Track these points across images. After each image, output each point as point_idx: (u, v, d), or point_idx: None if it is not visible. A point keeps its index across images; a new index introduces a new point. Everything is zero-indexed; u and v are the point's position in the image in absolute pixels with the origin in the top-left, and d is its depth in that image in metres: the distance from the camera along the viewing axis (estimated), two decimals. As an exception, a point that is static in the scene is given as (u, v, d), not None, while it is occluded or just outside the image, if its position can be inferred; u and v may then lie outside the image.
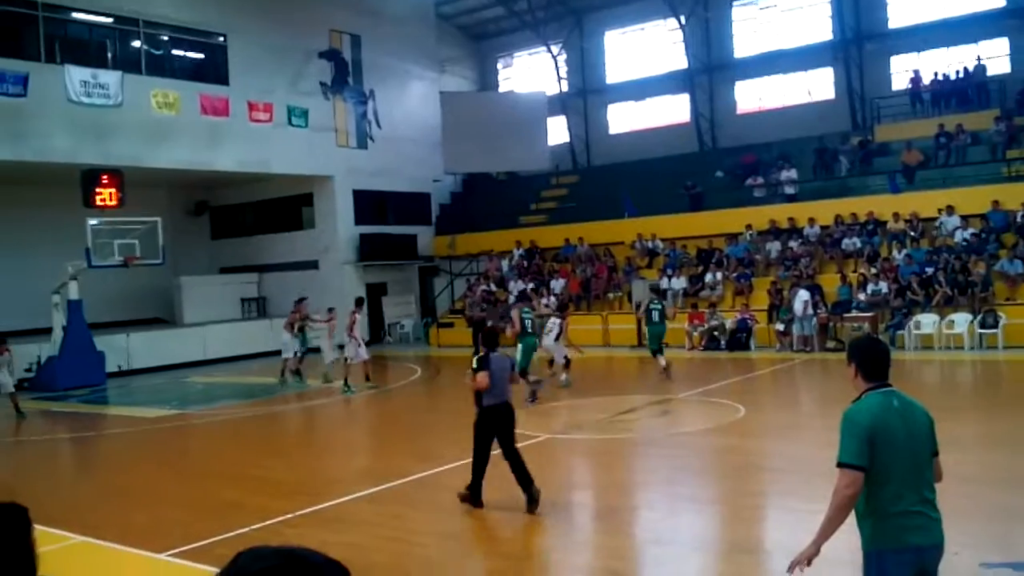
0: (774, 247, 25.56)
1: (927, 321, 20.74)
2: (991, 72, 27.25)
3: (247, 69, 27.32)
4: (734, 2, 33.02)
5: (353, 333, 19.25)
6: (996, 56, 27.84)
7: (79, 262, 22.52)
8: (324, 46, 29.96)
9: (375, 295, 31.23)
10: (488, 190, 36.49)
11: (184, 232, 31.82)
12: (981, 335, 20.09)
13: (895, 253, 23.03)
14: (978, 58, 27.60)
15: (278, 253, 31.44)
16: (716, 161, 30.53)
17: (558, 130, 36.34)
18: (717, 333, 23.28)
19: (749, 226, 26.43)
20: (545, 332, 18.43)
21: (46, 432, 17.11)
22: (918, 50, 29.29)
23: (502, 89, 39.11)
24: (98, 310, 25.07)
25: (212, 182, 30.93)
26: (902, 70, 29.55)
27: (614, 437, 13.09)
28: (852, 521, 4.26)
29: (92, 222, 22.35)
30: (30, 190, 25.99)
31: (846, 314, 21.69)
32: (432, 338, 29.55)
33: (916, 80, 28.09)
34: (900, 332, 20.87)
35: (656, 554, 7.83)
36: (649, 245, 28.09)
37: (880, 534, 4.18)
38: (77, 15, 25.15)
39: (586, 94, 36.65)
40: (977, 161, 24.37)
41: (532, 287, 27.28)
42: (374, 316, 30.98)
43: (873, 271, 22.46)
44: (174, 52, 27.39)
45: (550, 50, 36.48)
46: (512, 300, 28.13)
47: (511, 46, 39.05)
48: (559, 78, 36.79)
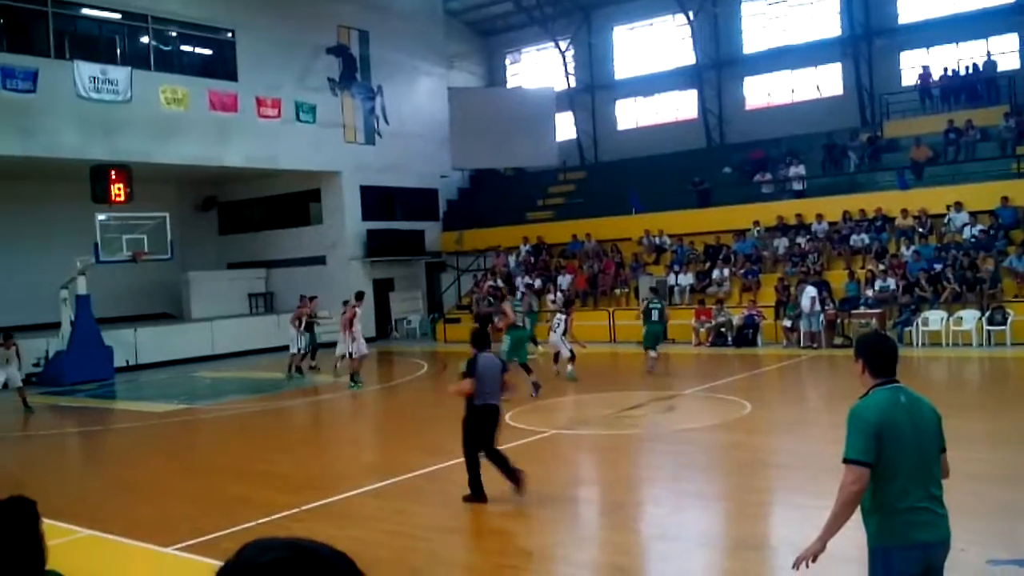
0: (782, 243, 25.51)
1: (935, 318, 20.68)
2: (1001, 68, 27.10)
3: (255, 65, 27.34)
4: (742, -3, 32.95)
5: (353, 328, 19.28)
6: (1006, 52, 27.71)
7: (87, 257, 22.59)
8: (332, 42, 29.96)
9: (382, 291, 31.28)
10: (495, 186, 36.46)
11: (192, 227, 31.90)
12: (989, 332, 20.02)
13: (903, 249, 22.96)
14: (987, 54, 27.48)
15: (286, 249, 31.48)
16: (724, 157, 30.45)
17: (566, 126, 36.27)
18: (724, 329, 23.25)
19: (757, 222, 26.37)
20: (551, 329, 18.76)
21: (54, 426, 17.18)
22: (927, 46, 29.17)
23: (510, 85, 39.04)
24: (106, 305, 25.14)
25: (220, 178, 30.98)
26: (911, 66, 29.42)
27: (620, 433, 13.09)
28: (858, 517, 4.25)
29: (100, 217, 22.41)
30: (39, 185, 26.07)
31: (854, 310, 21.64)
32: (439, 334, 29.55)
33: (925, 76, 27.97)
34: (908, 329, 20.82)
35: (662, 550, 7.83)
36: (656, 241, 28.07)
37: (886, 530, 4.17)
38: (86, 11, 25.20)
39: (594, 90, 36.59)
40: (986, 157, 24.25)
41: (528, 284, 27.29)
42: (381, 312, 31.03)
43: (881, 267, 22.40)
44: (183, 48, 27.45)
45: (558, 46, 36.41)
46: (519, 295, 28.17)
47: (519, 42, 38.99)
48: (567, 74, 36.72)
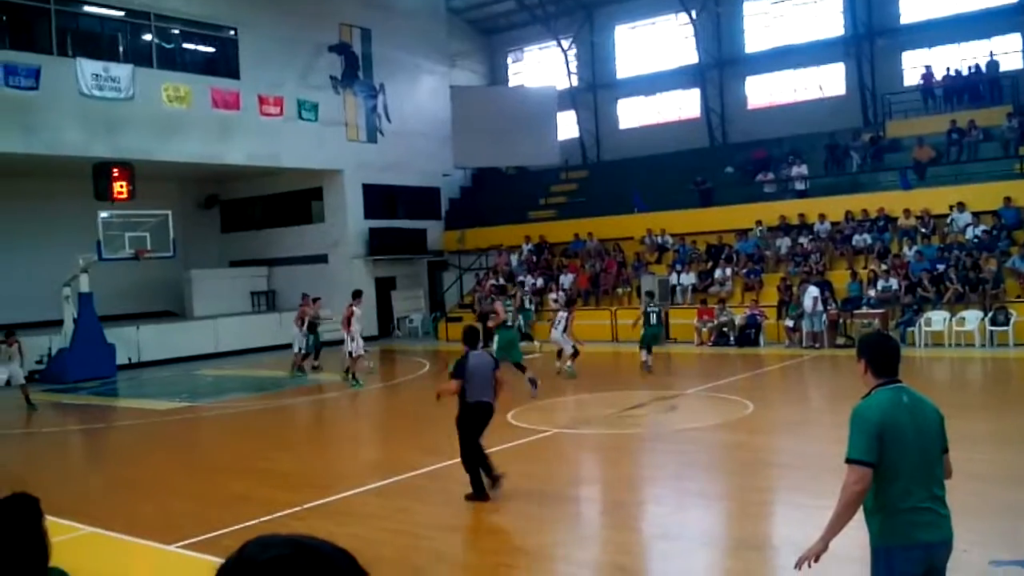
0: (784, 243, 25.50)
1: (937, 318, 20.65)
2: (1003, 68, 27.06)
3: (258, 63, 27.36)
4: (745, -3, 32.93)
5: (350, 327, 19.27)
6: (1009, 52, 27.65)
7: (90, 255, 22.60)
8: (334, 40, 29.98)
9: (384, 289, 31.29)
10: (498, 185, 36.47)
11: (194, 225, 31.91)
12: (992, 332, 20.00)
13: (906, 250, 22.93)
14: (990, 54, 27.43)
15: (288, 247, 31.50)
16: (726, 156, 30.43)
17: (568, 125, 36.25)
18: (726, 329, 23.24)
19: (759, 222, 26.36)
20: (553, 325, 19.18)
21: (56, 424, 17.18)
22: (930, 46, 29.12)
23: (512, 83, 39.03)
24: (108, 303, 25.15)
25: (222, 176, 31.00)
26: (914, 66, 29.37)
27: (622, 432, 13.08)
28: (860, 517, 4.25)
29: (103, 215, 22.43)
30: (41, 183, 26.09)
31: (856, 311, 21.62)
32: (441, 332, 29.56)
33: (928, 76, 27.93)
34: (910, 329, 20.80)
35: (663, 549, 7.83)
36: (659, 240, 28.06)
37: (889, 530, 4.17)
38: (89, 8, 25.23)
39: (596, 89, 36.57)
40: (989, 157, 24.22)
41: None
42: (383, 310, 31.04)
43: (884, 267, 22.39)
44: (185, 46, 27.47)
45: (560, 44, 36.40)
46: (528, 292, 28.18)
47: (521, 40, 38.98)
48: (569, 72, 36.70)
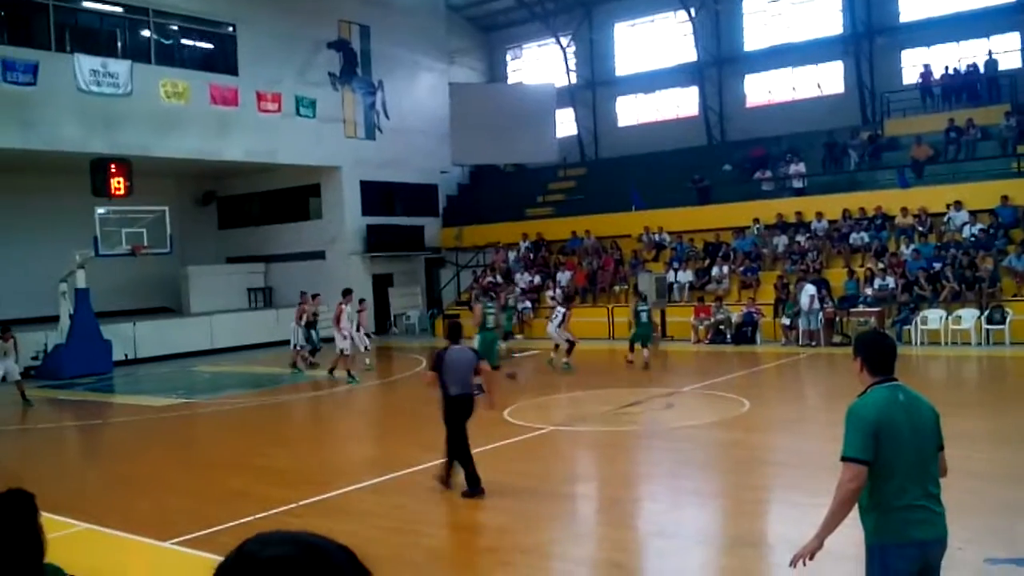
0: (781, 241, 25.50)
1: (934, 316, 20.69)
2: (1002, 67, 27.05)
3: (256, 59, 27.32)
4: (744, -5, 32.93)
5: (340, 325, 19.28)
6: (1007, 51, 27.66)
7: (87, 250, 22.55)
8: (333, 36, 29.94)
9: (381, 286, 31.29)
10: (495, 182, 36.46)
11: (191, 222, 31.88)
12: (988, 331, 20.03)
13: (903, 248, 22.96)
14: (989, 53, 27.42)
15: (285, 243, 31.48)
16: (724, 154, 30.43)
17: (566, 122, 36.25)
18: (723, 327, 23.25)
19: (756, 220, 26.37)
20: (550, 319, 20.00)
21: (52, 420, 17.17)
22: (928, 44, 29.13)
23: (511, 81, 39.03)
24: (105, 299, 25.12)
25: (220, 172, 30.96)
26: (912, 64, 29.38)
27: (618, 429, 13.09)
28: (855, 515, 4.26)
29: (100, 211, 22.38)
30: (39, 178, 26.06)
31: (853, 309, 21.65)
32: (438, 329, 29.55)
33: (926, 74, 27.93)
34: (907, 327, 20.83)
35: (659, 547, 7.84)
36: (656, 238, 28.07)
37: (883, 528, 4.18)
38: (87, 4, 25.22)
39: (595, 86, 36.56)
40: (987, 156, 24.23)
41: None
42: (380, 307, 31.03)
43: (880, 266, 22.40)
44: (183, 42, 27.42)
45: (559, 42, 36.37)
46: (517, 292, 28.22)
47: (520, 38, 38.95)
48: (568, 70, 36.68)
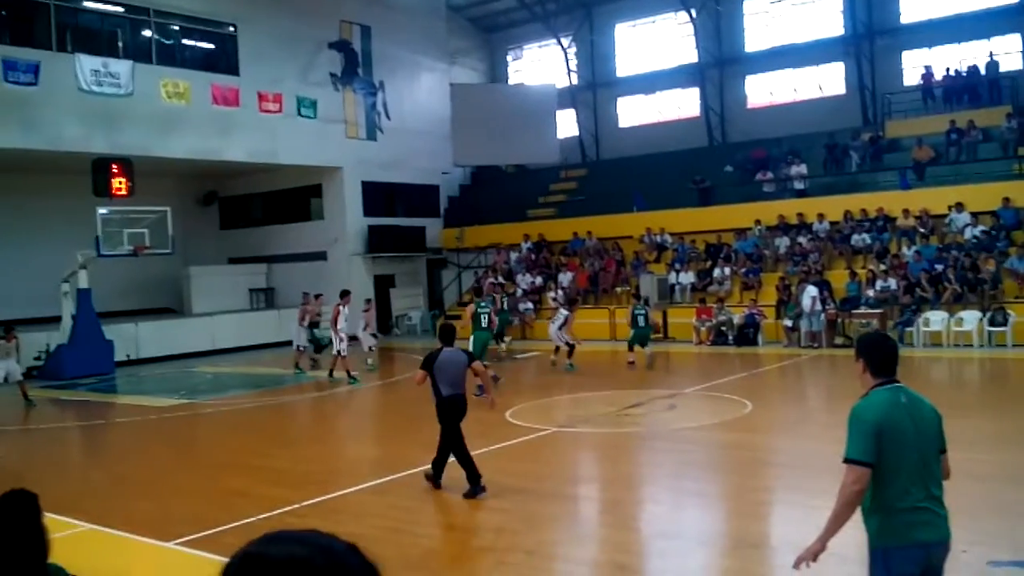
0: (783, 242, 25.49)
1: (936, 318, 20.67)
2: (1003, 68, 27.05)
3: (257, 59, 27.33)
4: (745, -4, 32.93)
5: (337, 326, 19.29)
6: (1009, 52, 27.65)
7: (89, 251, 22.56)
8: (334, 37, 29.95)
9: (383, 287, 31.29)
10: (497, 183, 36.48)
11: (193, 222, 31.88)
12: (990, 333, 20.01)
13: (904, 250, 22.94)
14: (990, 54, 27.42)
15: (287, 244, 31.49)
16: (726, 156, 30.42)
17: (567, 123, 36.25)
18: (725, 328, 23.24)
19: (758, 221, 26.35)
20: (551, 321, 20.30)
21: (54, 420, 17.18)
22: (930, 45, 29.12)
23: (512, 81, 39.04)
24: (107, 299, 25.13)
25: (221, 172, 30.96)
26: (913, 66, 29.38)
27: (620, 431, 13.09)
28: (858, 517, 4.25)
29: (102, 211, 22.39)
30: (40, 178, 26.08)
31: (854, 310, 21.62)
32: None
33: (928, 76, 27.93)
34: (909, 329, 20.81)
35: (662, 548, 7.83)
36: (658, 239, 28.06)
37: (886, 530, 4.17)
38: (88, 4, 25.23)
39: (596, 87, 36.57)
40: (988, 158, 24.23)
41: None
42: (382, 308, 31.03)
43: (882, 268, 22.39)
44: (184, 42, 27.43)
45: (560, 43, 36.38)
46: (519, 293, 28.21)
47: (521, 38, 38.98)
48: (569, 71, 36.70)
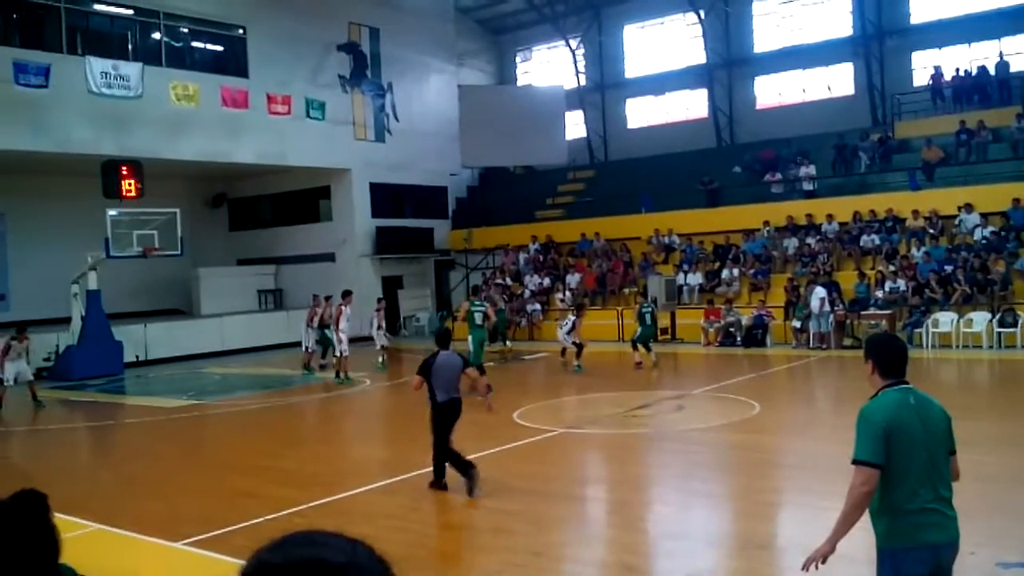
0: (791, 243, 25.44)
1: (945, 319, 20.60)
2: (1013, 69, 26.96)
3: (266, 61, 27.40)
4: (754, -3, 32.88)
5: (339, 326, 19.32)
6: (1019, 53, 27.53)
7: (98, 252, 22.64)
8: (343, 39, 29.99)
9: (391, 288, 31.31)
10: (505, 184, 36.48)
11: (202, 224, 31.99)
12: (1000, 334, 19.93)
13: (914, 251, 22.87)
14: (1000, 54, 27.33)
15: (295, 245, 31.54)
16: (734, 157, 30.36)
17: (576, 124, 36.25)
18: (733, 329, 23.20)
19: (767, 222, 26.30)
20: (559, 325, 20.38)
21: (64, 421, 17.24)
22: (939, 46, 29.03)
23: (520, 83, 39.04)
24: (116, 300, 25.21)
25: (230, 174, 31.04)
26: (923, 66, 29.29)
27: (628, 432, 13.08)
28: (867, 518, 4.24)
29: (111, 213, 22.45)
30: (50, 180, 26.18)
31: (863, 312, 21.56)
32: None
33: (937, 76, 27.84)
34: (918, 330, 20.75)
35: (669, 549, 7.83)
36: (666, 241, 28.03)
37: (895, 531, 4.16)
38: (98, 7, 25.33)
39: (604, 88, 36.54)
40: (998, 159, 24.13)
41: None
42: (390, 309, 31.03)
43: (891, 269, 22.33)
44: (194, 44, 27.51)
45: (568, 44, 36.39)
46: (527, 294, 28.24)
47: (530, 40, 38.99)
48: (577, 72, 36.68)
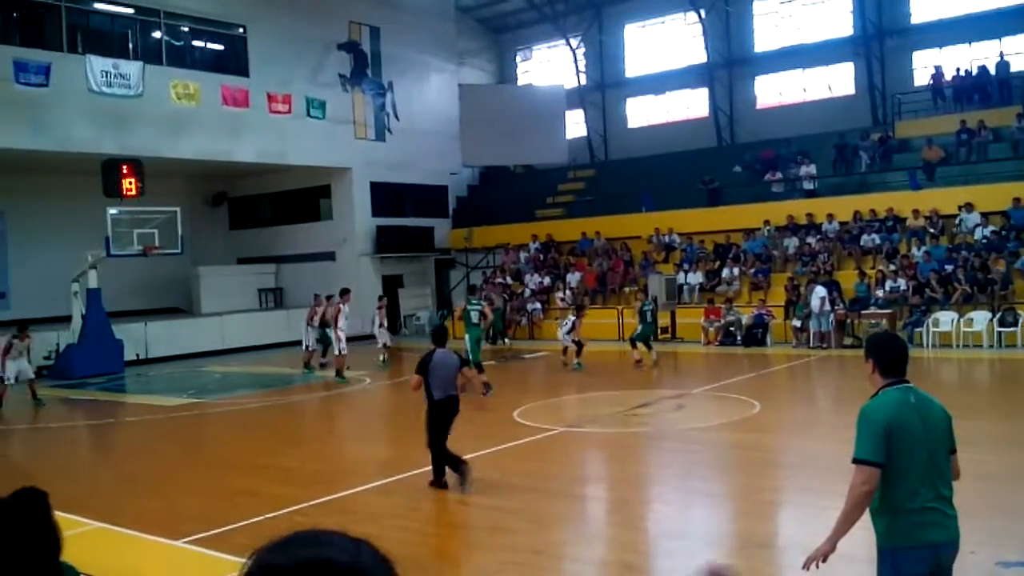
0: (792, 243, 25.44)
1: (945, 319, 20.60)
2: (1014, 68, 26.95)
3: (267, 60, 27.39)
4: (755, -4, 32.87)
5: (337, 325, 19.32)
6: (1019, 52, 27.52)
7: (99, 251, 22.64)
8: (343, 38, 29.99)
9: (391, 287, 31.32)
10: (505, 183, 36.49)
11: (202, 222, 31.99)
12: (1000, 333, 19.94)
13: (914, 250, 22.87)
14: (1001, 54, 27.33)
15: (295, 244, 31.55)
16: (734, 156, 30.36)
17: (576, 124, 36.26)
18: (733, 328, 23.20)
19: (767, 221, 26.30)
20: (559, 325, 20.49)
21: (64, 419, 17.24)
22: (940, 45, 29.03)
23: (521, 82, 39.04)
24: (117, 299, 25.22)
25: (230, 173, 31.04)
26: (924, 66, 29.28)
27: (628, 431, 13.08)
28: (867, 517, 4.24)
29: (112, 211, 22.44)
30: (51, 179, 26.18)
31: (864, 311, 21.56)
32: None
33: (938, 76, 27.83)
34: (918, 330, 20.74)
35: (669, 548, 7.83)
36: (666, 240, 28.03)
37: (895, 531, 4.16)
38: (99, 5, 25.34)
39: (604, 88, 36.54)
40: (998, 158, 24.13)
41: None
42: (390, 308, 31.03)
43: (892, 268, 22.33)
44: (194, 43, 27.51)
45: (569, 43, 36.37)
46: (527, 293, 28.24)
47: (530, 39, 38.98)
48: (578, 71, 36.68)
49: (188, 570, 7.69)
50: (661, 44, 35.26)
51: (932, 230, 23.24)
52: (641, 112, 36.28)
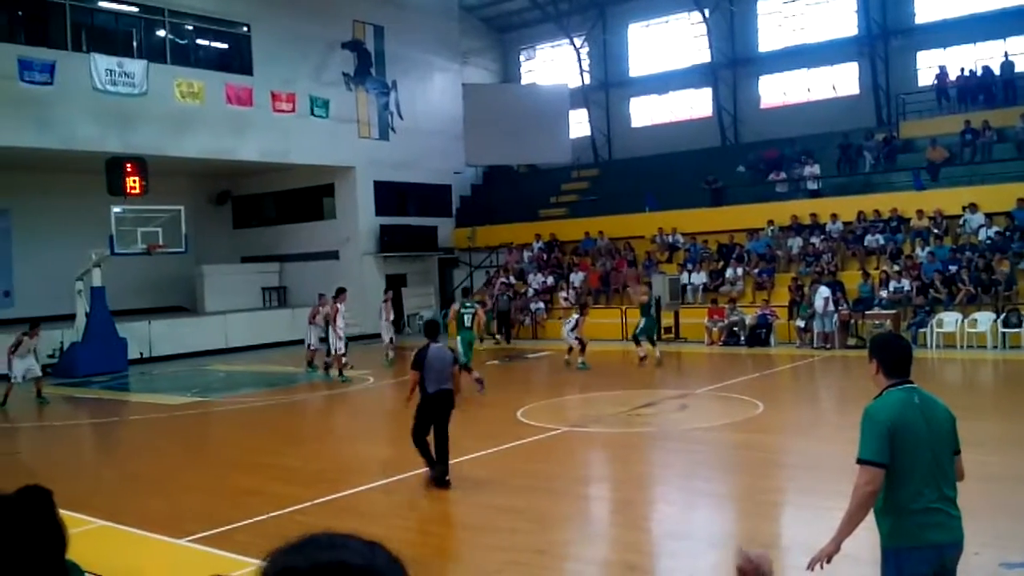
0: (796, 243, 25.41)
1: (950, 319, 20.56)
2: (1018, 69, 26.86)
3: (270, 59, 27.41)
4: (759, -4, 32.83)
5: (336, 324, 19.32)
6: (1024, 52, 27.53)
7: (102, 249, 22.68)
8: (347, 37, 30.00)
9: (395, 286, 31.28)
10: (509, 183, 36.47)
11: (206, 221, 31.98)
12: (1004, 334, 19.90)
13: (918, 250, 22.82)
14: (1005, 54, 27.25)
15: (299, 243, 31.56)
16: (738, 156, 30.31)
17: (580, 123, 36.24)
18: (737, 329, 23.18)
19: (771, 221, 26.27)
20: (564, 324, 20.68)
21: (68, 417, 17.28)
22: (944, 46, 28.96)
23: (524, 81, 39.03)
24: (121, 297, 25.25)
25: (234, 171, 31.07)
26: (928, 66, 29.22)
27: (632, 431, 13.08)
28: (872, 518, 4.24)
29: (116, 210, 22.48)
30: (55, 177, 26.22)
31: (868, 311, 21.53)
32: (451, 329, 29.53)
33: (942, 76, 27.77)
34: (922, 330, 20.71)
35: (672, 548, 7.82)
36: (669, 240, 28.00)
37: (899, 531, 4.16)
38: (104, 4, 25.34)
39: (608, 87, 36.52)
40: (1003, 159, 24.08)
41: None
42: (394, 307, 31.03)
43: (896, 268, 22.29)
44: (199, 42, 27.53)
45: (573, 42, 36.35)
46: (531, 293, 28.24)
47: (534, 38, 38.97)
48: (581, 71, 36.66)
49: (191, 569, 7.69)
50: (665, 43, 35.23)
51: (936, 230, 23.19)
52: (645, 112, 36.26)
